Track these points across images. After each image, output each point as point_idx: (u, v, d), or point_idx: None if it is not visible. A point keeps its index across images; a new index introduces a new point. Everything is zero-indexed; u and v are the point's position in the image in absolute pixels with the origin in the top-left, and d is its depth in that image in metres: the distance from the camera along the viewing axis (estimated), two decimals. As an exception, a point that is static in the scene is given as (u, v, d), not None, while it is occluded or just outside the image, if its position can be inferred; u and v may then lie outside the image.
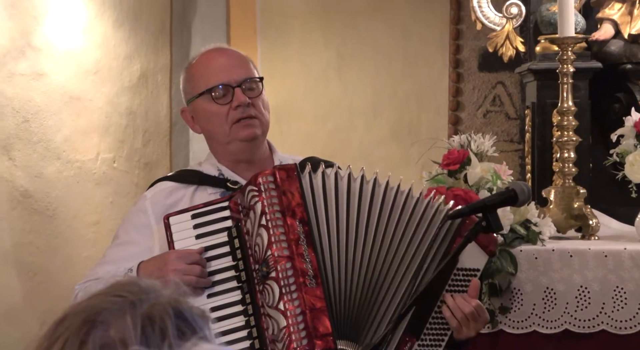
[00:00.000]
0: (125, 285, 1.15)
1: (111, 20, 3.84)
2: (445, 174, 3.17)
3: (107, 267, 2.29)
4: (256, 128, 2.30)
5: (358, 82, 4.24)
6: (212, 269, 2.20)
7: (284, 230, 2.15)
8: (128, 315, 1.11)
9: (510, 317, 3.17)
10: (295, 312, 2.12)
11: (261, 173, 2.19)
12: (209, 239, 2.21)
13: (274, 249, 2.14)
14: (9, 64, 3.41)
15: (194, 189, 2.33)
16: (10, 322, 3.40)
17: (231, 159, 2.35)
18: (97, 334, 1.10)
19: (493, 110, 4.06)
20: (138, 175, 4.01)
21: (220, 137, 2.32)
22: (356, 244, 2.19)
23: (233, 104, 2.29)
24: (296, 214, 2.16)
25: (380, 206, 2.21)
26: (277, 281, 2.13)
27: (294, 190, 2.17)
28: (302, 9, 4.26)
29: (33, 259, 3.52)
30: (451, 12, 4.04)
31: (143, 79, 4.03)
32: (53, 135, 3.60)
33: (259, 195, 2.16)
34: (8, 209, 3.43)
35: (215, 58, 2.34)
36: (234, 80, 2.30)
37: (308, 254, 2.15)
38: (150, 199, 2.33)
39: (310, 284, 2.13)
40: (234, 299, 2.19)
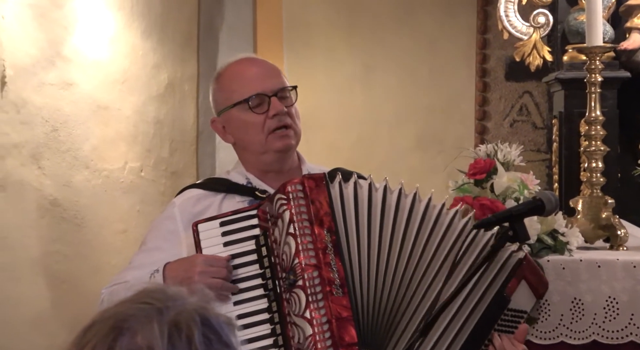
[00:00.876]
0: (152, 292, 1.16)
1: (139, 30, 3.88)
2: (471, 183, 3.17)
3: (133, 272, 2.30)
4: (291, 139, 2.32)
5: (383, 92, 4.26)
6: (239, 276, 2.21)
7: (311, 238, 2.16)
8: (155, 322, 1.12)
9: (537, 328, 3.16)
10: (321, 321, 2.13)
11: (290, 182, 2.19)
12: (237, 247, 2.22)
13: (301, 257, 2.15)
14: (39, 73, 3.46)
15: (222, 197, 2.34)
16: (38, 330, 3.44)
17: (261, 168, 2.37)
18: (124, 341, 1.11)
19: (520, 120, 4.06)
20: (165, 184, 4.05)
21: (255, 147, 2.34)
22: (382, 254, 2.19)
23: (270, 113, 2.30)
24: (324, 223, 2.17)
25: (407, 217, 2.21)
26: (303, 289, 2.14)
27: (322, 200, 2.18)
28: (328, 20, 4.28)
29: (61, 267, 3.56)
30: (478, 21, 4.05)
31: (170, 89, 4.07)
32: (81, 144, 3.65)
33: (288, 203, 2.17)
34: (37, 217, 3.48)
35: (248, 68, 2.35)
36: (270, 90, 2.31)
37: (335, 263, 2.15)
38: (179, 206, 2.35)
39: (337, 293, 2.14)
40: (260, 307, 2.20)
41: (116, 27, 3.79)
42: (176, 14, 4.06)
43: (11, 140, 3.37)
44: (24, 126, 3.42)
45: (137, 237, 3.79)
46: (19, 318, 3.38)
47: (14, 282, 3.38)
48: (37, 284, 3.47)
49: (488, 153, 3.17)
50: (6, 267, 3.35)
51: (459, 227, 2.22)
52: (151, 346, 1.11)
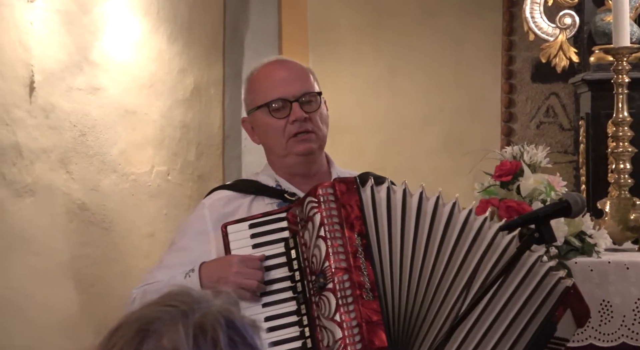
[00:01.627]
0: (177, 295, 1.17)
1: (166, 35, 3.92)
2: (497, 185, 3.17)
3: (164, 272, 2.32)
4: (312, 143, 2.32)
5: (409, 94, 4.27)
6: (268, 278, 2.22)
7: (342, 242, 2.16)
8: (180, 324, 1.13)
9: (565, 330, 3.16)
10: (352, 324, 2.13)
11: (321, 185, 2.20)
12: (266, 249, 2.23)
13: (331, 260, 2.15)
14: (67, 78, 3.51)
15: (251, 199, 2.36)
16: (67, 334, 3.48)
17: (288, 171, 2.38)
18: (150, 343, 1.13)
19: (547, 122, 4.06)
20: (191, 188, 4.08)
21: (277, 150, 2.35)
22: (414, 258, 2.19)
23: (290, 119, 2.31)
24: (354, 227, 2.17)
25: (438, 221, 2.20)
26: (333, 292, 2.14)
27: (353, 204, 2.18)
28: (353, 23, 4.30)
29: (90, 271, 3.60)
30: (503, 23, 4.05)
31: (196, 93, 4.10)
32: (109, 149, 3.69)
33: (318, 206, 2.17)
34: (65, 221, 3.52)
35: (276, 71, 2.37)
36: (292, 95, 2.32)
37: (365, 267, 2.15)
38: (208, 206, 2.36)
39: (367, 297, 2.14)
40: (289, 310, 2.21)
41: (143, 32, 3.83)
42: (202, 18, 4.09)
43: (40, 145, 3.42)
44: (53, 131, 3.47)
45: (164, 240, 3.83)
46: (48, 322, 3.43)
47: (44, 286, 3.42)
48: (66, 288, 3.52)
49: (514, 155, 3.17)
50: (36, 271, 3.40)
51: (490, 233, 2.21)
52: (177, 348, 1.12)
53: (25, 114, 3.37)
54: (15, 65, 3.32)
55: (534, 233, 2.14)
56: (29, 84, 3.37)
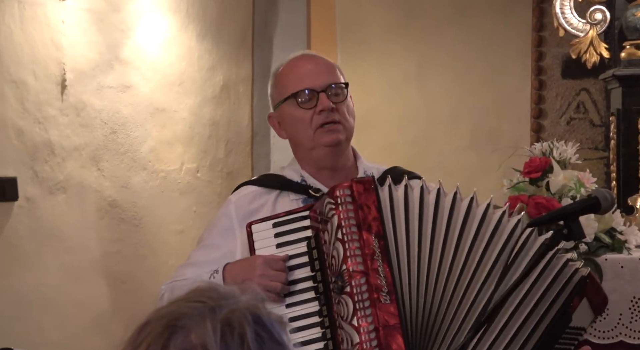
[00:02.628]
0: (204, 291, 1.18)
1: (195, 33, 3.97)
2: (526, 182, 3.19)
3: (192, 269, 2.35)
4: (340, 133, 2.32)
5: (437, 91, 4.28)
6: (291, 278, 2.23)
7: (359, 244, 2.16)
8: (208, 320, 1.14)
9: (596, 327, 3.17)
10: (369, 329, 2.13)
11: (339, 186, 2.20)
12: (289, 248, 2.24)
13: (349, 263, 2.16)
14: (98, 77, 3.57)
15: (276, 195, 2.37)
16: (98, 330, 3.54)
17: (315, 165, 2.38)
18: (178, 339, 1.14)
19: (577, 118, 4.06)
20: (221, 185, 4.13)
21: (304, 142, 2.36)
22: (432, 258, 2.19)
23: (317, 109, 2.32)
24: (372, 228, 2.17)
25: (455, 219, 2.19)
26: (351, 296, 2.15)
27: (371, 204, 2.18)
28: (382, 20, 4.32)
29: (120, 268, 3.66)
30: (533, 19, 4.05)
31: (225, 90, 4.15)
32: (139, 146, 3.74)
33: (336, 208, 2.18)
34: (97, 218, 3.58)
35: (302, 64, 2.39)
36: (319, 86, 2.33)
37: (383, 269, 2.15)
38: (234, 203, 2.38)
39: (384, 300, 2.14)
40: (311, 310, 2.22)
41: (172, 29, 3.88)
42: (231, 16, 4.13)
43: (72, 142, 3.48)
44: (84, 129, 3.53)
45: (193, 237, 3.87)
46: (81, 318, 3.49)
47: (76, 282, 3.49)
48: (97, 285, 3.58)
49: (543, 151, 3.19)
50: (69, 268, 3.46)
51: (509, 228, 2.20)
52: (204, 344, 1.13)
53: (57, 112, 3.43)
54: (47, 64, 3.38)
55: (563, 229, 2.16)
56: (61, 82, 3.43)
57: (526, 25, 4.09)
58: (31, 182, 3.35)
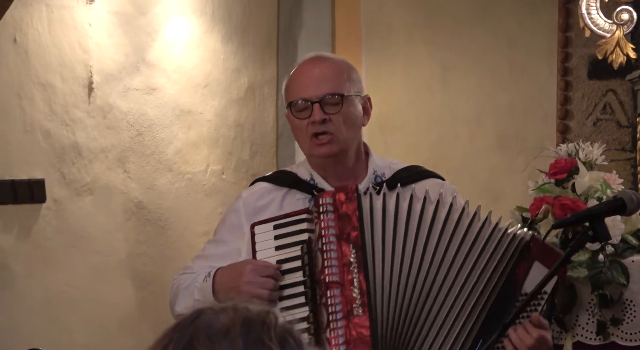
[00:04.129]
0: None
1: (220, 35, 4.02)
2: (552, 183, 3.21)
3: (201, 262, 2.45)
4: (331, 145, 2.36)
5: (462, 92, 4.29)
6: (285, 282, 2.28)
7: (336, 255, 2.21)
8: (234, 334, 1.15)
9: (622, 329, 3.19)
10: (339, 341, 2.17)
11: (323, 194, 2.26)
12: (286, 252, 2.29)
13: (325, 274, 2.21)
14: (124, 79, 3.62)
15: (284, 192, 2.43)
16: (125, 331, 3.60)
17: (319, 167, 2.45)
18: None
19: (603, 119, 4.06)
20: (245, 186, 4.14)
21: (303, 148, 2.44)
22: (412, 268, 2.21)
23: (310, 119, 2.37)
24: (350, 238, 2.21)
25: (441, 228, 2.22)
26: (325, 308, 2.20)
27: (351, 213, 2.22)
28: (407, 21, 4.34)
29: (147, 269, 3.72)
30: (559, 19, 4.05)
31: (250, 92, 4.19)
32: (165, 148, 3.80)
33: (318, 217, 2.24)
34: (123, 220, 3.64)
35: (309, 70, 2.42)
36: (315, 96, 2.36)
37: (359, 281, 2.19)
38: (244, 199, 2.46)
39: (357, 313, 2.18)
40: (301, 316, 2.25)
41: (198, 32, 3.93)
42: (256, 18, 4.18)
43: (98, 144, 3.54)
44: (110, 131, 3.59)
45: (219, 239, 3.93)
46: (108, 319, 3.55)
47: (104, 283, 3.54)
48: (124, 286, 3.63)
49: (569, 152, 3.21)
50: (96, 269, 3.52)
51: (497, 238, 2.22)
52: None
53: (84, 114, 3.49)
54: (74, 67, 3.44)
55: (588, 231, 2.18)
56: (88, 84, 3.50)
57: (552, 25, 4.09)
58: (58, 184, 3.41)
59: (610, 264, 3.13)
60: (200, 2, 3.92)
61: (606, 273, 3.12)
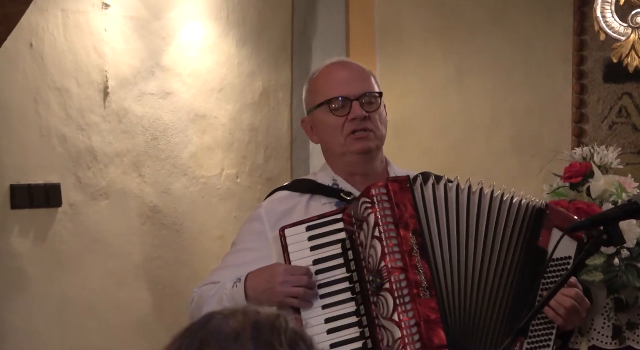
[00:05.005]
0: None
1: (235, 39, 4.05)
2: (566, 186, 3.23)
3: (224, 272, 2.41)
4: (370, 141, 2.39)
5: (477, 96, 4.30)
6: (326, 280, 2.29)
7: (397, 241, 2.23)
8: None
9: (638, 333, 3.20)
10: (410, 323, 2.19)
11: (374, 185, 2.27)
12: (323, 251, 2.30)
13: (387, 260, 2.22)
14: (139, 84, 3.66)
15: (308, 198, 2.43)
16: (140, 334, 3.63)
17: (346, 170, 2.44)
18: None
19: (619, 122, 4.06)
20: (260, 191, 4.19)
21: (335, 148, 2.42)
22: (468, 253, 2.26)
23: (349, 116, 2.38)
24: (409, 226, 2.24)
25: (487, 215, 2.27)
26: (390, 292, 2.20)
27: (407, 202, 2.25)
28: (421, 25, 4.35)
29: (162, 273, 3.75)
30: (574, 22, 4.06)
31: (265, 96, 4.22)
32: (180, 152, 3.83)
33: (372, 207, 2.24)
34: (138, 224, 3.68)
35: (337, 71, 2.45)
36: (353, 94, 2.39)
37: (421, 266, 2.22)
38: (265, 206, 2.45)
39: (424, 296, 2.20)
40: (348, 310, 2.27)
41: (212, 36, 3.96)
42: (271, 22, 4.21)
43: (114, 149, 3.58)
44: (126, 135, 3.63)
45: (234, 243, 3.96)
46: (123, 322, 3.58)
47: (120, 287, 3.58)
48: (140, 290, 3.67)
49: (584, 156, 3.22)
50: (112, 272, 3.56)
51: (505, 208, 2.27)
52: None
53: (100, 118, 3.53)
54: (90, 71, 3.48)
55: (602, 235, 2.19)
56: (103, 89, 3.53)
57: (567, 28, 4.10)
58: (74, 188, 3.45)
59: (626, 268, 3.14)
60: (215, 6, 3.95)
61: (621, 277, 3.13)
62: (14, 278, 3.26)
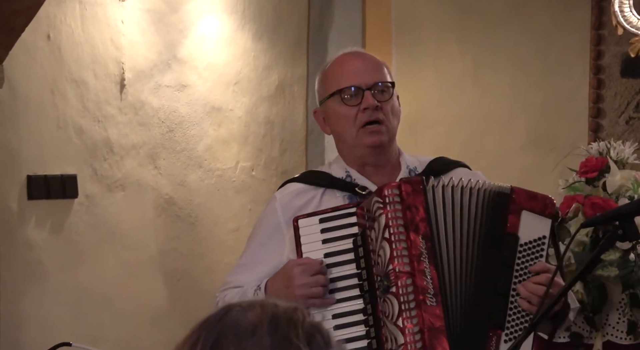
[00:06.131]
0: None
1: (251, 32, 4.07)
2: (582, 182, 3.23)
3: (244, 274, 2.41)
4: (382, 135, 2.37)
5: (494, 90, 4.31)
6: (335, 275, 2.28)
7: (406, 245, 2.21)
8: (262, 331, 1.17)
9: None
10: (414, 330, 2.18)
11: (387, 185, 2.26)
12: (335, 245, 2.29)
13: (395, 264, 2.20)
14: (156, 76, 3.69)
15: (322, 191, 2.41)
16: (156, 326, 3.66)
17: (358, 162, 2.43)
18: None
19: (636, 117, 4.06)
20: (275, 183, 4.21)
21: (347, 140, 2.41)
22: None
23: (361, 106, 2.36)
24: (419, 229, 2.22)
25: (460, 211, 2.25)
26: (397, 297, 2.20)
27: (419, 205, 2.23)
28: (438, 19, 4.36)
29: (177, 265, 3.78)
30: (592, 17, 4.06)
31: (280, 89, 4.24)
32: (195, 145, 3.86)
33: (384, 207, 2.23)
34: (154, 216, 3.71)
35: (350, 61, 2.43)
36: (365, 83, 2.38)
37: (429, 271, 2.20)
38: (279, 200, 2.43)
39: (430, 302, 2.19)
40: (356, 308, 2.26)
41: (229, 29, 3.99)
42: (287, 15, 4.23)
43: (130, 141, 3.61)
44: (142, 127, 3.66)
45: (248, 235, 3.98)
46: (138, 314, 3.62)
47: (135, 279, 3.61)
48: (155, 281, 3.70)
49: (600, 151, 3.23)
50: (128, 264, 3.59)
51: (474, 200, 2.25)
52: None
53: (116, 110, 3.56)
54: (107, 63, 3.51)
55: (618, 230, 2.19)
56: (120, 81, 3.56)
57: (584, 23, 4.10)
58: (90, 179, 3.48)
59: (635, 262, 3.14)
60: (231, 0, 3.97)
61: (637, 272, 3.14)
62: (30, 269, 3.30)
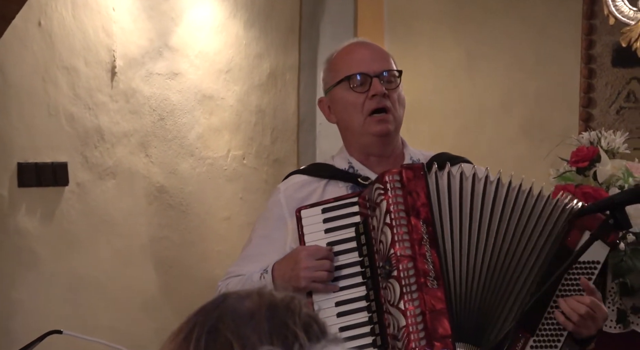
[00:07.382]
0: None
1: (243, 20, 4.08)
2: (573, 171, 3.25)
3: (247, 264, 2.44)
4: (389, 124, 2.40)
5: (488, 80, 4.32)
6: (338, 263, 2.33)
7: (407, 229, 2.25)
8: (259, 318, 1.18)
9: (644, 319, 3.23)
10: (415, 313, 2.22)
11: (388, 172, 2.29)
12: (337, 234, 2.34)
13: (396, 248, 2.24)
14: (147, 64, 3.69)
15: (325, 183, 2.45)
16: (148, 314, 3.68)
17: (363, 151, 2.46)
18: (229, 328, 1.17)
19: (627, 107, 4.08)
20: (267, 172, 4.23)
21: (354, 127, 2.43)
22: (479, 245, 2.28)
23: (369, 94, 2.39)
24: (420, 214, 2.26)
25: (502, 207, 2.29)
26: (398, 280, 2.23)
27: (420, 190, 2.27)
28: (431, 8, 4.36)
29: (168, 253, 3.79)
30: (584, 6, 4.07)
31: (272, 78, 4.25)
32: (187, 133, 3.87)
33: (385, 193, 2.27)
34: (145, 204, 3.72)
35: (358, 49, 2.47)
36: (373, 71, 2.41)
37: (430, 255, 2.24)
38: (283, 191, 2.47)
39: (432, 285, 2.23)
40: (359, 295, 2.31)
41: (221, 18, 3.99)
42: (279, 4, 4.23)
43: (121, 128, 3.62)
44: (133, 115, 3.67)
45: (240, 224, 4.00)
46: (131, 301, 3.63)
47: (127, 267, 3.63)
48: (147, 269, 3.72)
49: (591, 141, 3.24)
50: (120, 252, 3.61)
51: (556, 215, 2.28)
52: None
53: (107, 98, 3.57)
54: (98, 51, 3.52)
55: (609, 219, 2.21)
56: (111, 69, 3.57)
57: (576, 13, 4.11)
58: (81, 167, 3.49)
59: (631, 253, 3.17)
60: (223, -13, 3.98)
61: (627, 261, 3.16)
62: (22, 256, 3.31)
